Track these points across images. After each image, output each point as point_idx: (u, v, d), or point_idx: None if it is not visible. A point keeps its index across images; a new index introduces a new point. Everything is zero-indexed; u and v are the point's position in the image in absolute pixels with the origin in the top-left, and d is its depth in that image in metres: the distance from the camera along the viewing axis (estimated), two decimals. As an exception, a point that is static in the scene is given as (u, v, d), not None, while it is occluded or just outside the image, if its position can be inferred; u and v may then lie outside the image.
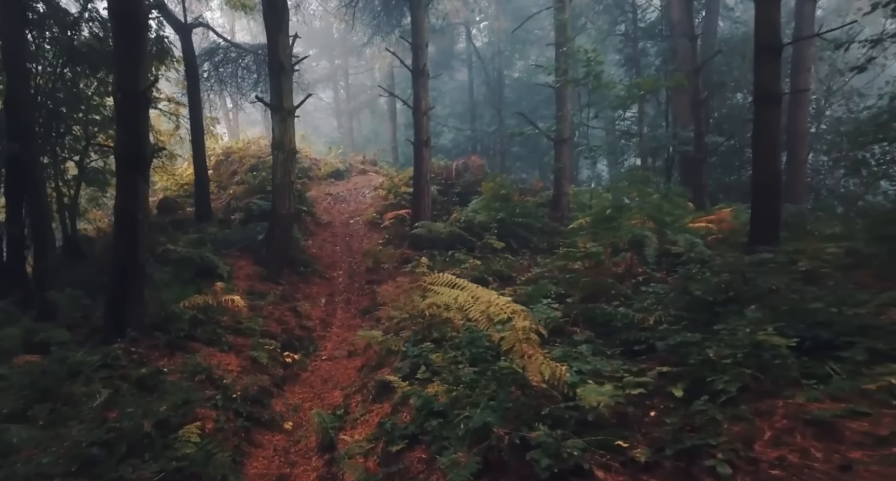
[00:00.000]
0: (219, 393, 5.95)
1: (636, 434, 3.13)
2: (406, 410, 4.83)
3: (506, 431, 3.05)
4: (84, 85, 11.75)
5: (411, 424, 4.26)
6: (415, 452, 4.00)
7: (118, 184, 6.29)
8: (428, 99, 11.58)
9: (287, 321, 9.04)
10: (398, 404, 5.03)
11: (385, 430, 4.37)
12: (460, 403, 4.17)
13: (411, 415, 4.60)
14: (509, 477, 2.97)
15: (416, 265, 10.55)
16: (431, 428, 3.93)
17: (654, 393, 3.76)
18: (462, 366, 4.94)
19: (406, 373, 5.50)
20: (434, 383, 4.92)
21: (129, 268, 6.32)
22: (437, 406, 4.20)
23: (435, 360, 5.47)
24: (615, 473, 2.73)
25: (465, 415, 3.45)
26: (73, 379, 5.49)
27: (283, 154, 9.69)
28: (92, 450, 4.08)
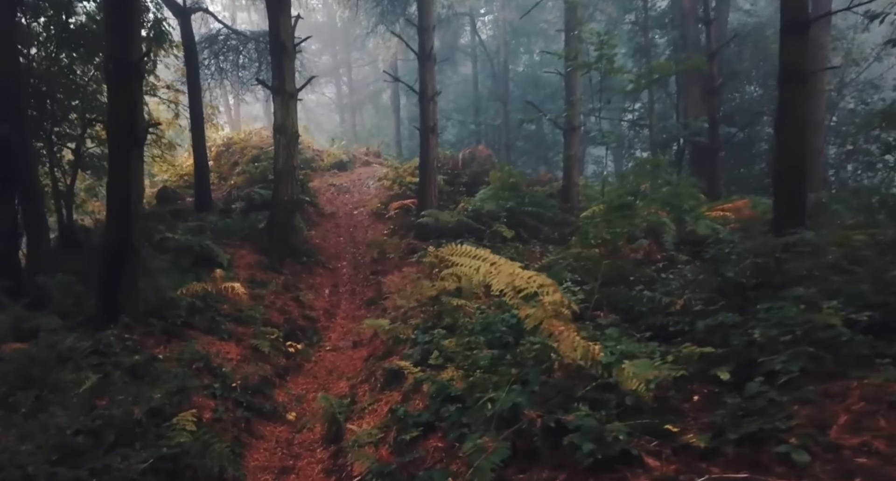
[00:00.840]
0: (217, 381, 5.61)
1: (684, 418, 2.77)
2: (418, 397, 4.48)
3: (537, 414, 2.69)
4: (81, 71, 11.42)
5: (425, 411, 3.91)
6: (430, 440, 3.66)
7: (110, 160, 5.95)
8: (434, 84, 11.23)
9: (289, 310, 8.70)
10: (409, 391, 4.69)
11: (397, 418, 4.02)
12: (478, 388, 3.82)
13: (425, 402, 4.26)
14: (541, 464, 2.62)
15: (423, 255, 10.18)
16: (449, 414, 3.58)
17: (694, 376, 3.41)
18: (478, 351, 4.59)
19: (417, 360, 5.16)
20: (448, 369, 4.58)
21: (123, 251, 5.97)
22: (453, 391, 3.85)
23: (447, 346, 5.13)
24: (667, 461, 2.37)
25: (488, 398, 3.09)
26: (62, 366, 5.15)
27: (286, 138, 9.34)
28: (77, 439, 3.73)
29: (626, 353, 3.51)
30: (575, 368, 3.32)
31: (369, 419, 5.00)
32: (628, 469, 2.30)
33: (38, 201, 8.79)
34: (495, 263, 3.25)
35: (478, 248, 9.20)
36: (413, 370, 4.69)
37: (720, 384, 3.22)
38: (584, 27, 10.50)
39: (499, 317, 5.42)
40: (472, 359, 4.58)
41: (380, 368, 5.96)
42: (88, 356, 5.26)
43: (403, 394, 4.74)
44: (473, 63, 26.89)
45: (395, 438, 3.75)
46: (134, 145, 5.86)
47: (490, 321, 5.29)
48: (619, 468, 2.33)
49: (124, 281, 6.02)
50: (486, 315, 5.74)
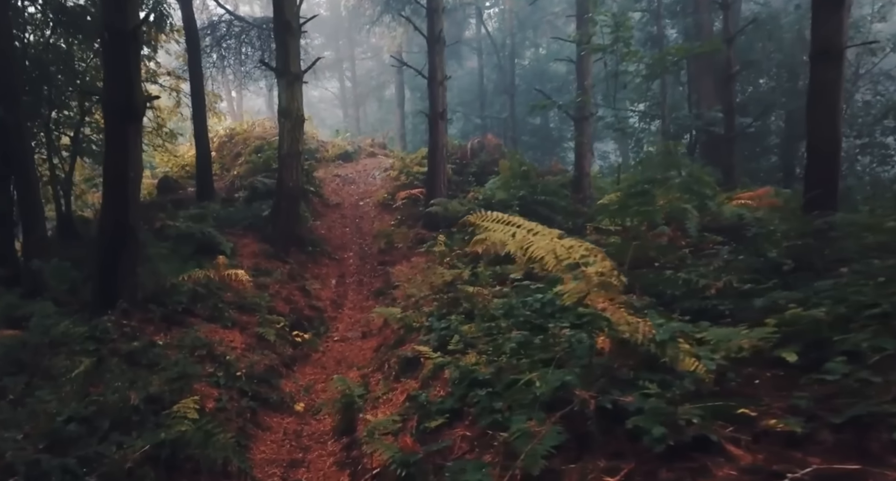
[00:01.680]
0: (221, 370, 5.27)
1: (757, 402, 2.42)
2: (439, 384, 4.14)
3: (590, 394, 2.34)
4: (79, 57, 11.10)
5: (449, 398, 3.56)
6: (456, 429, 3.31)
7: (107, 137, 5.60)
8: (444, 68, 10.85)
9: (295, 300, 8.36)
10: (428, 378, 4.34)
11: (418, 405, 3.67)
12: (507, 372, 3.48)
13: (446, 389, 3.91)
14: (596, 452, 2.27)
15: (433, 244, 9.85)
16: (477, 399, 3.23)
17: (751, 359, 3.06)
18: (503, 335, 4.25)
19: (435, 347, 4.82)
20: (469, 354, 4.23)
21: (120, 233, 5.63)
22: (480, 375, 3.50)
23: (467, 332, 4.79)
24: (748, 449, 2.02)
25: (527, 380, 2.74)
26: (55, 352, 4.82)
27: (290, 122, 8.99)
28: (68, 426, 3.40)
29: (678, 333, 3.16)
30: (618, 347, 2.98)
31: (384, 408, 4.65)
32: (707, 457, 1.95)
33: (33, 187, 8.44)
34: (532, 230, 2.91)
35: None
36: (432, 355, 4.35)
37: (785, 366, 2.87)
38: (597, 9, 10.11)
39: (520, 302, 5.09)
40: (496, 343, 4.24)
41: (393, 357, 5.62)
42: (83, 342, 4.93)
43: (422, 382, 4.39)
44: (479, 56, 26.50)
45: (417, 426, 3.40)
46: (132, 120, 5.51)
47: (511, 305, 4.95)
48: (694, 456, 1.98)
49: (122, 264, 5.68)
50: (506, 299, 5.40)
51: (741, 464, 1.89)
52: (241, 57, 15.21)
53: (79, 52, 11.04)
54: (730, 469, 1.88)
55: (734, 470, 1.87)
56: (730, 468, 1.88)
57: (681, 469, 1.93)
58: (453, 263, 8.43)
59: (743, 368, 2.99)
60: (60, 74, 10.53)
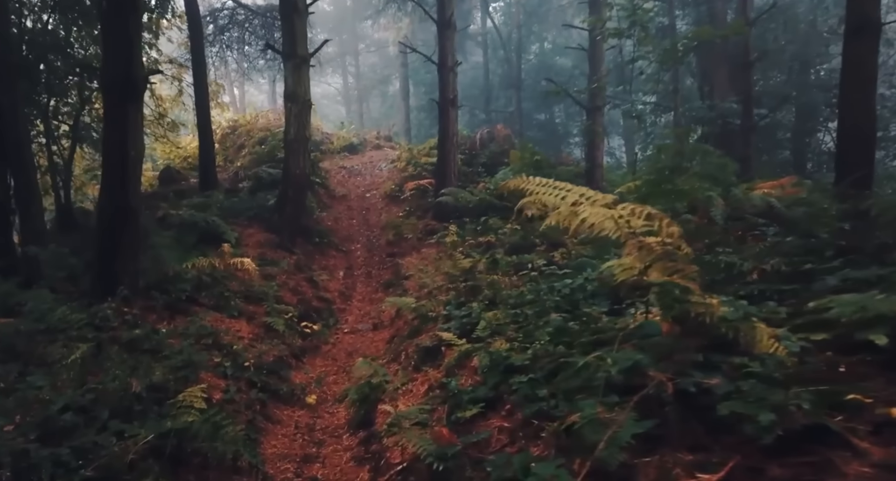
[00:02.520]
0: (228, 360, 4.96)
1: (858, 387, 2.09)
2: (466, 372, 3.82)
3: (668, 376, 2.02)
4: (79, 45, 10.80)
5: (481, 386, 3.24)
6: (491, 419, 2.99)
7: (106, 114, 5.28)
8: (454, 53, 10.52)
9: (303, 291, 8.04)
10: (453, 367, 4.01)
11: (448, 394, 3.34)
12: (545, 358, 3.16)
13: (474, 377, 3.59)
14: (675, 443, 1.94)
15: (444, 235, 9.52)
16: (516, 387, 2.91)
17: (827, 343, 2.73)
18: (536, 321, 3.92)
19: (458, 334, 4.49)
20: (498, 340, 3.91)
21: (121, 215, 5.31)
22: (517, 361, 3.18)
23: (492, 319, 4.46)
24: (872, 441, 1.69)
25: (583, 362, 2.41)
26: (51, 340, 4.51)
27: (297, 106, 8.66)
28: (63, 416, 3.08)
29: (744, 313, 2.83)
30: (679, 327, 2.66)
31: (405, 399, 4.34)
32: (828, 450, 1.62)
33: (30, 173, 8.14)
34: (584, 194, 2.58)
35: (504, 225, 8.40)
36: (458, 342, 4.02)
37: (872, 350, 2.54)
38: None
39: (547, 287, 4.76)
40: (526, 329, 3.92)
41: (411, 346, 5.30)
42: (82, 328, 4.61)
43: (445, 370, 4.07)
44: (484, 51, 26.16)
45: (448, 417, 3.07)
46: (132, 96, 5.19)
47: (539, 291, 4.62)
48: (812, 448, 1.65)
49: (123, 249, 5.36)
50: (533, 285, 5.08)
51: (874, 460, 1.56)
52: (245, 46, 14.90)
53: (78, 38, 10.74)
54: (860, 464, 1.55)
55: (866, 465, 1.54)
56: (860, 463, 1.55)
57: (797, 464, 1.59)
58: (467, 253, 8.11)
59: (820, 353, 2.68)
60: (59, 62, 10.23)
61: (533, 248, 7.18)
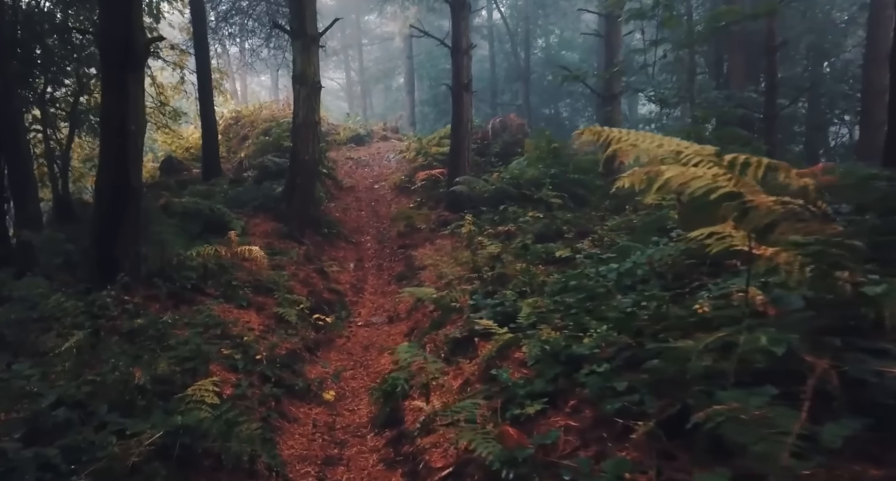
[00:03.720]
0: (238, 352, 4.53)
1: None
2: (510, 364, 3.38)
3: (830, 363, 1.59)
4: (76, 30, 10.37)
5: (538, 378, 2.81)
6: (552, 417, 2.56)
7: (104, 86, 4.86)
8: (469, 35, 10.09)
9: (314, 283, 7.61)
10: (493, 358, 3.58)
11: (499, 387, 2.91)
12: (609, 348, 2.74)
13: (525, 369, 3.16)
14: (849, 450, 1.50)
15: (460, 225, 9.07)
16: (584, 379, 2.48)
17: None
18: (599, 304, 3.49)
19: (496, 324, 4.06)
20: (544, 329, 3.48)
21: (121, 194, 4.88)
22: (578, 350, 2.75)
23: (533, 306, 4.03)
24: None
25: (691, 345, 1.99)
26: (44, 328, 4.09)
27: (306, 89, 8.22)
28: (56, 411, 2.65)
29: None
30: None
31: (438, 395, 3.91)
32: None
33: (24, 157, 7.72)
34: (681, 144, 2.15)
35: (525, 213, 7.85)
36: (499, 331, 3.59)
37: None
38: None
39: (592, 272, 4.34)
40: (576, 316, 3.50)
41: (437, 338, 4.88)
42: (78, 317, 4.19)
43: (485, 362, 3.63)
44: (490, 44, 25.71)
45: (502, 414, 2.64)
46: (132, 66, 4.75)
47: (586, 276, 4.19)
48: None
49: (123, 232, 4.93)
50: (572, 271, 4.65)
51: None
52: (248, 34, 14.47)
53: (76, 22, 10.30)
54: None
55: None
56: None
57: None
58: (486, 244, 7.68)
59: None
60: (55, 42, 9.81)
61: (560, 236, 6.76)
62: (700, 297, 2.99)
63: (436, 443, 3.10)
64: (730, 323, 2.11)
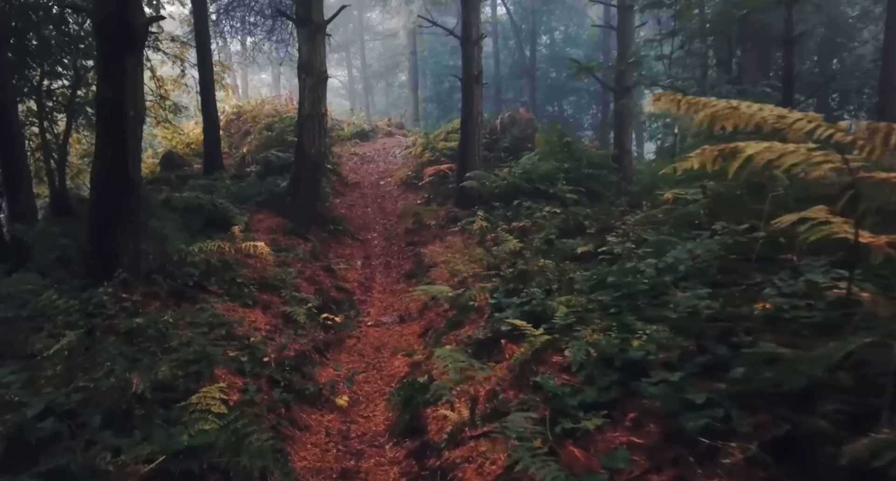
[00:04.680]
0: (245, 354, 4.21)
1: None
2: (549, 369, 3.06)
3: None
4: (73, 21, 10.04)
5: (589, 387, 2.48)
6: (610, 433, 2.23)
7: (99, 68, 4.53)
8: (479, 25, 9.75)
9: (321, 281, 7.28)
10: (527, 362, 3.26)
11: (546, 394, 2.58)
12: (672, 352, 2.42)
13: (567, 375, 2.84)
14: None
15: (471, 221, 8.76)
16: (651, 389, 2.16)
17: None
18: (655, 301, 3.17)
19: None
20: (585, 329, 3.16)
21: (119, 183, 4.56)
22: (634, 354, 2.43)
23: (564, 306, 3.70)
24: None
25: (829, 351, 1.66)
26: (34, 328, 3.77)
27: (312, 79, 7.89)
28: (42, 423, 2.33)
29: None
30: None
31: (462, 403, 3.59)
32: None
33: (17, 146, 7.39)
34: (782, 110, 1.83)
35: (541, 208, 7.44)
36: (534, 332, 3.27)
37: None
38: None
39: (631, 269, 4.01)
40: (619, 317, 3.18)
41: (455, 338, 4.56)
42: (71, 315, 3.86)
43: (516, 367, 3.31)
44: (494, 40, 25.35)
45: (551, 428, 2.31)
46: (130, 47, 4.43)
47: (626, 271, 3.85)
48: None
49: (122, 223, 4.61)
50: (603, 268, 4.33)
51: None
52: (250, 27, 14.14)
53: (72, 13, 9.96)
54: None
55: None
56: None
57: None
58: (502, 239, 7.35)
59: None
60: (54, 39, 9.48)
61: (581, 232, 6.44)
62: (766, 295, 2.67)
63: (468, 458, 2.78)
64: (822, 325, 1.79)
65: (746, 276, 3.35)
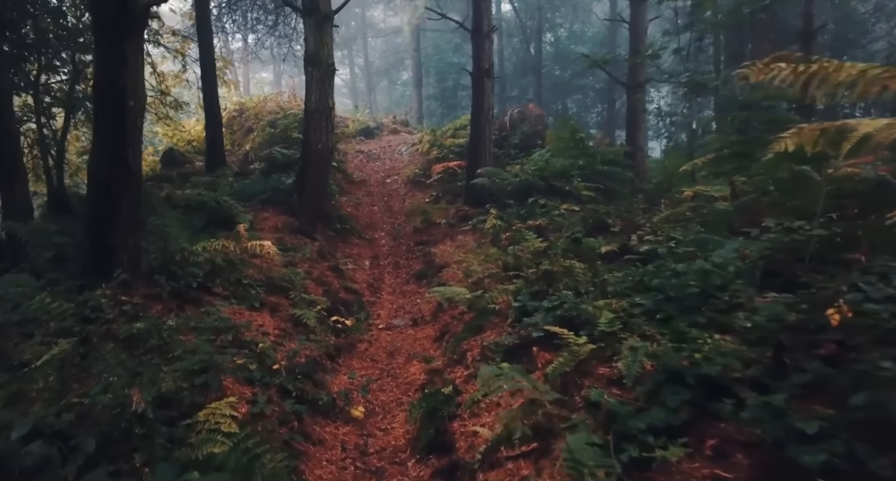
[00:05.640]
0: (253, 361, 3.90)
1: None
2: (596, 382, 2.75)
3: None
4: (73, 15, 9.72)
5: (657, 407, 2.17)
6: (688, 463, 1.92)
7: (96, 52, 4.21)
8: (491, 17, 9.44)
9: (329, 282, 6.97)
10: (568, 374, 2.94)
11: (603, 414, 2.27)
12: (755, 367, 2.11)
13: (617, 389, 2.53)
14: None
15: (482, 220, 8.46)
16: (744, 413, 1.84)
17: None
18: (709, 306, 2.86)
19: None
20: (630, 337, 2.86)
21: (118, 178, 4.25)
22: (708, 368, 2.12)
23: (604, 311, 3.39)
24: None
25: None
26: (25, 334, 3.46)
27: (319, 71, 7.58)
28: (30, 447, 2.03)
29: None
30: None
31: (487, 416, 3.29)
32: None
33: (12, 138, 7.05)
34: None
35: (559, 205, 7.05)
36: (577, 340, 2.96)
37: None
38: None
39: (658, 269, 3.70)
40: (672, 324, 2.87)
41: (478, 345, 4.25)
42: (66, 320, 3.55)
43: (556, 378, 2.99)
44: (499, 37, 25.02)
45: (616, 453, 2.00)
46: (130, 30, 4.12)
47: (677, 272, 3.52)
48: None
49: (121, 219, 4.30)
50: (637, 269, 4.01)
51: None
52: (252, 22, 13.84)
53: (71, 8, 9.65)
54: None
55: None
56: None
57: None
58: (515, 239, 7.04)
59: None
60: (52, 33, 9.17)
61: (604, 230, 6.13)
62: (850, 300, 2.36)
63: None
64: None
65: (799, 278, 3.05)
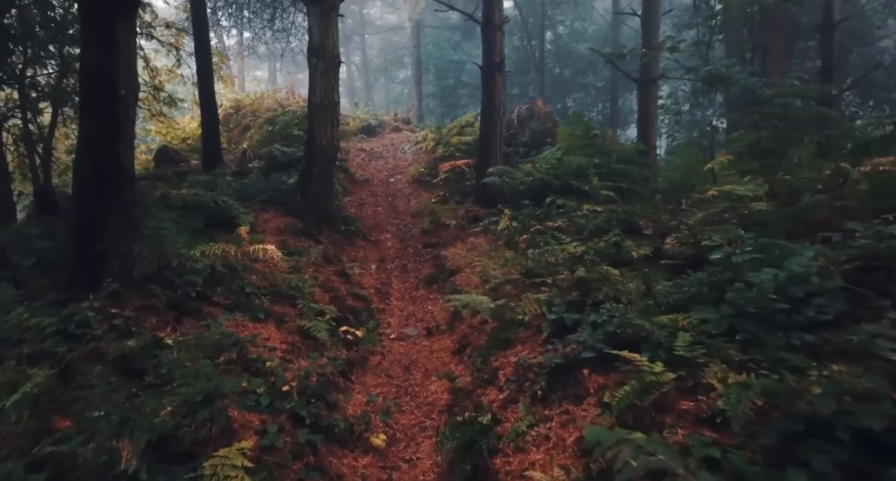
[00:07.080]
0: (261, 384, 3.44)
1: None
2: (678, 419, 2.31)
3: None
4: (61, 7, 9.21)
5: (794, 468, 1.73)
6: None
7: (84, 35, 3.74)
8: (502, 9, 9.00)
9: (336, 288, 6.51)
10: (639, 408, 2.51)
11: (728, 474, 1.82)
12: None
13: (707, 429, 2.09)
14: None
15: (495, 221, 8.03)
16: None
17: None
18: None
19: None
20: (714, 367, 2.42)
21: (107, 176, 3.78)
22: (868, 419, 1.69)
23: (660, 327, 2.95)
24: None
25: None
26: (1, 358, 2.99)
27: (324, 63, 7.11)
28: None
29: None
30: None
31: (538, 450, 2.85)
32: None
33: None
34: None
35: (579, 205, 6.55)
36: (652, 367, 2.52)
37: None
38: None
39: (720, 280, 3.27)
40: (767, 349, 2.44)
41: (509, 362, 3.81)
42: (48, 339, 3.09)
43: (623, 411, 2.56)
44: (500, 34, 24.60)
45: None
46: (122, 7, 3.65)
47: (751, 284, 3.07)
48: None
49: (111, 221, 3.83)
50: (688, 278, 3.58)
51: None
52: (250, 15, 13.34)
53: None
54: None
55: None
56: None
57: None
58: (535, 242, 6.60)
59: None
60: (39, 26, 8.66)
61: (635, 233, 5.70)
62: None
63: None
64: None
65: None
